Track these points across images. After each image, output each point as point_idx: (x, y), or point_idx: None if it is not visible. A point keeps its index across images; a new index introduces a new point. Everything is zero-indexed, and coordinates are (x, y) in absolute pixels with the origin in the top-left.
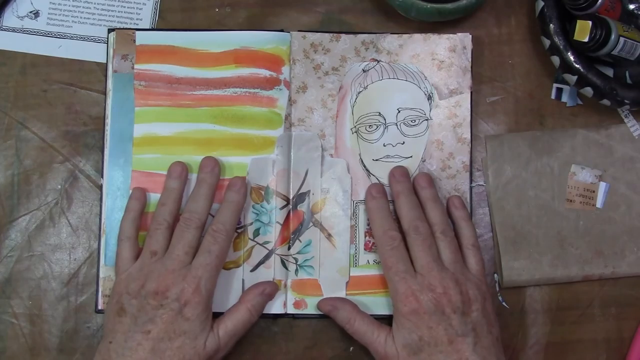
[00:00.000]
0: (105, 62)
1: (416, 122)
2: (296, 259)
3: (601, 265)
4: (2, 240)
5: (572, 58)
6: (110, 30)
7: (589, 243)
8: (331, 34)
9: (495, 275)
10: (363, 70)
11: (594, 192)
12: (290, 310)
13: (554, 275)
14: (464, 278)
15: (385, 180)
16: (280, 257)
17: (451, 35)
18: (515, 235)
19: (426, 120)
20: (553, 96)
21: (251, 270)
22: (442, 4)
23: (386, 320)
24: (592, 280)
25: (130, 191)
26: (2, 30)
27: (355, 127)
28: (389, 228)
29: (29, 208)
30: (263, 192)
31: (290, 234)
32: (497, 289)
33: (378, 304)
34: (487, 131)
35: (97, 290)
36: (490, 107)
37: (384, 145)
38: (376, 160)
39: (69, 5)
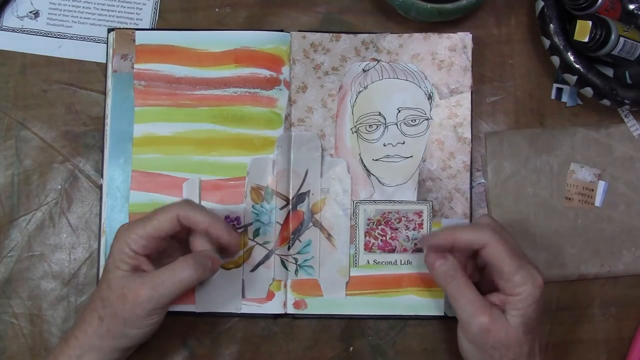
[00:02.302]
0: (105, 62)
1: (416, 122)
2: (296, 259)
3: (597, 265)
4: (2, 240)
5: (572, 58)
6: (110, 30)
7: (586, 242)
8: (331, 34)
9: None
10: (363, 70)
11: (592, 190)
12: (290, 310)
13: (549, 274)
14: None
15: (385, 180)
16: (280, 257)
17: (451, 34)
18: (512, 233)
19: (426, 119)
20: (553, 96)
21: (251, 270)
22: (442, 4)
23: (386, 321)
24: (587, 279)
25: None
26: (2, 30)
27: (355, 127)
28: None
29: (29, 208)
30: (263, 192)
31: (290, 234)
32: None
33: (378, 304)
34: (487, 131)
35: None
36: (490, 107)
37: (384, 145)
38: (376, 160)
39: (69, 5)
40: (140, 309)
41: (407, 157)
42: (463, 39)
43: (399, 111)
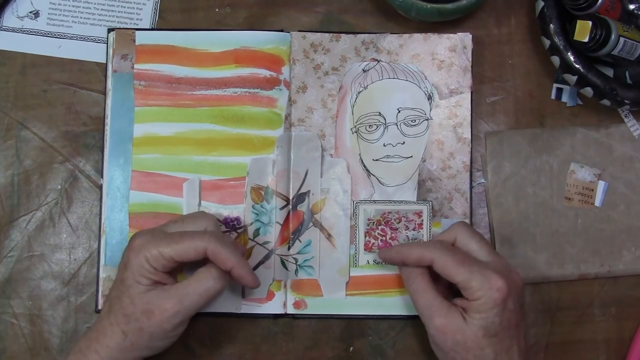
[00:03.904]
0: (105, 62)
1: (416, 122)
2: (296, 259)
3: (597, 265)
4: (2, 240)
5: (572, 58)
6: (110, 30)
7: (586, 242)
8: (331, 34)
9: None
10: (363, 70)
11: (592, 190)
12: (290, 310)
13: (548, 274)
14: None
15: (385, 180)
16: (280, 257)
17: (451, 34)
18: (512, 232)
19: (426, 120)
20: (553, 96)
21: None
22: (442, 4)
23: (386, 321)
24: (587, 279)
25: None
26: (2, 30)
27: (355, 127)
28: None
29: (29, 208)
30: (263, 192)
31: (290, 234)
32: None
33: (378, 304)
34: (487, 131)
35: (97, 290)
36: (490, 107)
37: (384, 145)
38: (376, 160)
39: (69, 5)
40: (167, 323)
41: (407, 157)
42: (463, 39)
43: (399, 111)
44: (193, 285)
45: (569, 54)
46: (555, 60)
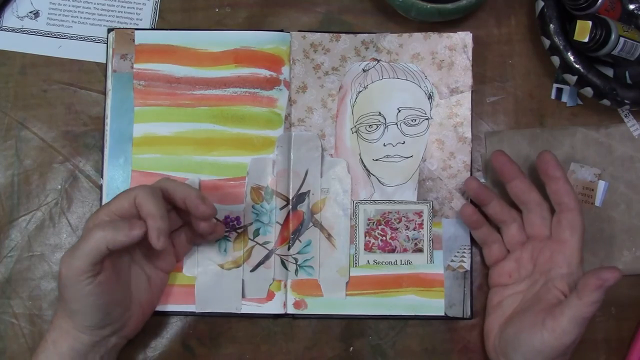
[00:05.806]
0: (105, 62)
1: (416, 122)
2: (296, 259)
3: (597, 265)
4: (2, 240)
5: (572, 58)
6: (109, 30)
7: (586, 242)
8: (331, 34)
9: None
10: (363, 69)
11: (592, 190)
12: (290, 310)
13: None
14: None
15: (385, 180)
16: (280, 257)
17: (451, 34)
18: None
19: (426, 119)
20: (553, 96)
21: (251, 270)
22: (442, 4)
23: (386, 321)
24: None
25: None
26: (2, 30)
27: (355, 127)
28: None
29: (29, 208)
30: (263, 192)
31: (290, 234)
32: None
33: (378, 304)
34: (487, 131)
35: None
36: (490, 107)
37: (384, 145)
38: (376, 160)
39: (69, 5)
40: (62, 276)
41: (407, 157)
42: (463, 38)
43: (399, 111)
44: (82, 238)
45: (569, 54)
46: (555, 60)
